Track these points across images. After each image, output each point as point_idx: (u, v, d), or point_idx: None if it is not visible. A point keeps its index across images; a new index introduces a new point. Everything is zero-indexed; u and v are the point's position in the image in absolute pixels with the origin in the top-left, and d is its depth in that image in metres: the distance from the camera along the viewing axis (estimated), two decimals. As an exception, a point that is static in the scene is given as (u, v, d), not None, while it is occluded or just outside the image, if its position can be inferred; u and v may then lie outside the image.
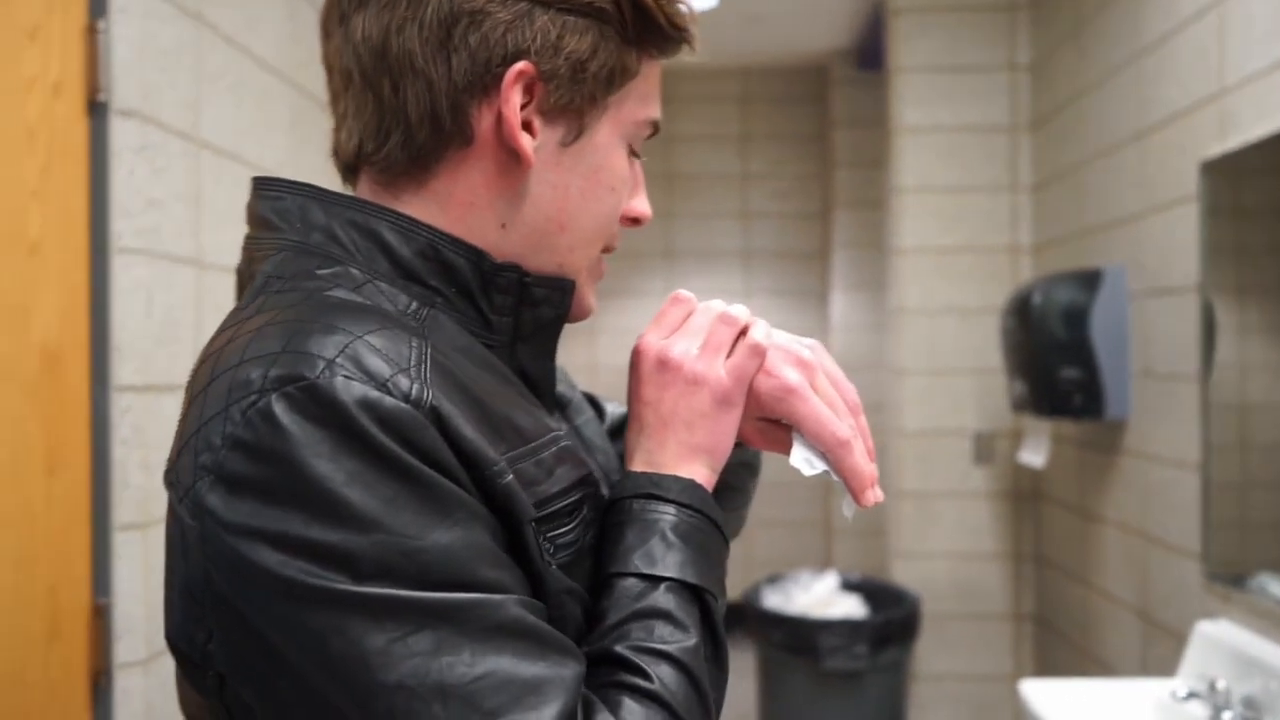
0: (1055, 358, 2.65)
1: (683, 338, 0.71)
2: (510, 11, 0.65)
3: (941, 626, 3.33)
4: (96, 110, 1.43)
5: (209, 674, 0.59)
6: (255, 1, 1.87)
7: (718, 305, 0.72)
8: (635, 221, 0.76)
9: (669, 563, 0.65)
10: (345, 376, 0.56)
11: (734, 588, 3.38)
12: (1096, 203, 2.81)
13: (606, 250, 0.76)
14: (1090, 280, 2.64)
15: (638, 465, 0.71)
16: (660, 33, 0.70)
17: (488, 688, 0.55)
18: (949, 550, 3.34)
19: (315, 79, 2.01)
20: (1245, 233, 2.11)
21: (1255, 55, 1.97)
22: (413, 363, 0.59)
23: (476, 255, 0.68)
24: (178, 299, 1.58)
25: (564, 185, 0.69)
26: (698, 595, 0.65)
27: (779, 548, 4.99)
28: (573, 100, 0.68)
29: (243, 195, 1.80)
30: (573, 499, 0.66)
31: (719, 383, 0.69)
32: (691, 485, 0.69)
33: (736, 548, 3.65)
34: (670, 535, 0.66)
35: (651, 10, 0.69)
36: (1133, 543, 2.58)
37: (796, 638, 2.97)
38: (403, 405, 0.57)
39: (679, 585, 0.65)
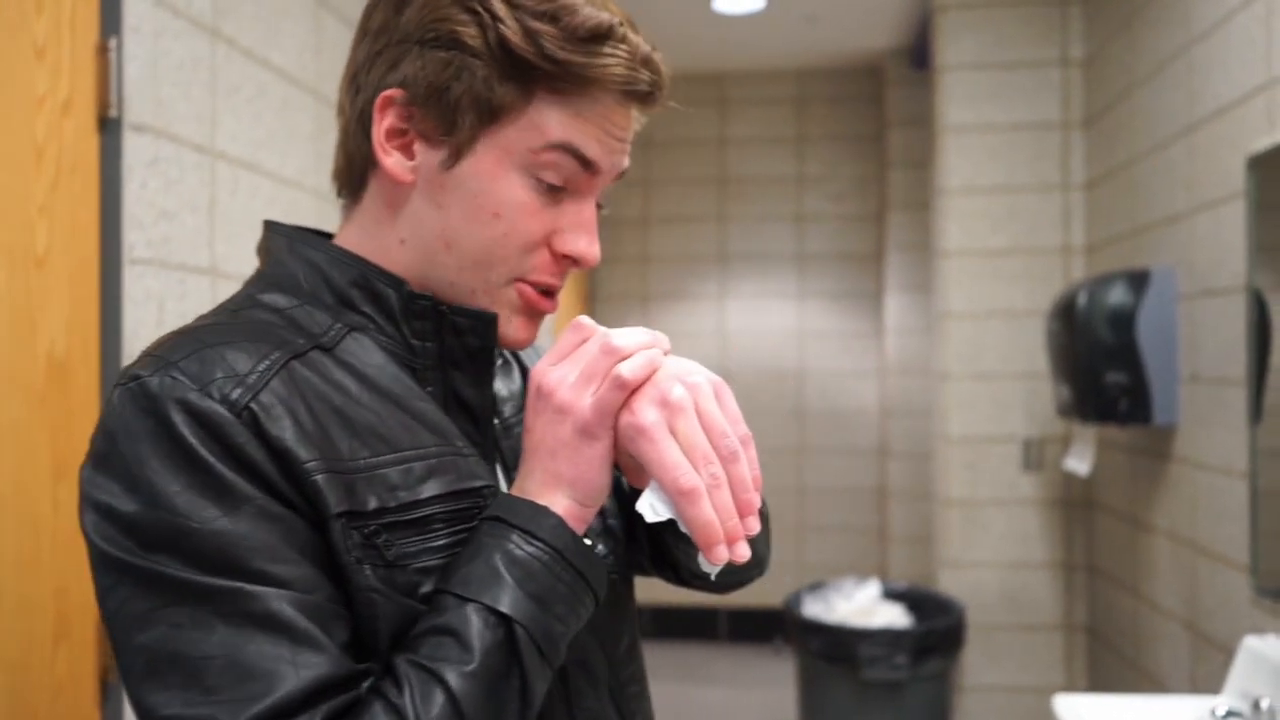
0: (1101, 362, 2.56)
1: (563, 366, 0.70)
2: (394, 51, 0.73)
3: (989, 637, 3.24)
4: (108, 126, 1.47)
5: None
6: (277, 15, 1.91)
7: (609, 334, 0.70)
8: (572, 260, 0.76)
9: (483, 587, 0.65)
10: (173, 378, 0.64)
11: (785, 594, 3.35)
12: (1146, 201, 2.71)
13: (537, 285, 0.76)
14: (1137, 281, 2.55)
15: (513, 490, 0.71)
16: (539, 69, 0.71)
17: (216, 667, 0.60)
18: (997, 559, 3.25)
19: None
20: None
21: (1303, 45, 1.89)
22: (252, 372, 0.66)
23: (398, 285, 0.75)
24: (191, 308, 1.62)
25: (446, 206, 0.74)
26: (505, 623, 0.64)
27: (832, 554, 4.92)
28: (443, 126, 0.73)
29: (260, 205, 1.84)
30: (440, 509, 0.70)
31: (581, 413, 0.68)
32: (542, 513, 0.68)
33: (789, 553, 3.58)
34: (497, 560, 0.66)
35: (516, 46, 0.70)
36: (1182, 553, 2.48)
37: (836, 646, 2.92)
38: (215, 406, 0.64)
39: (486, 610, 0.64)
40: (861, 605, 3.15)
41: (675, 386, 0.67)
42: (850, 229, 5.00)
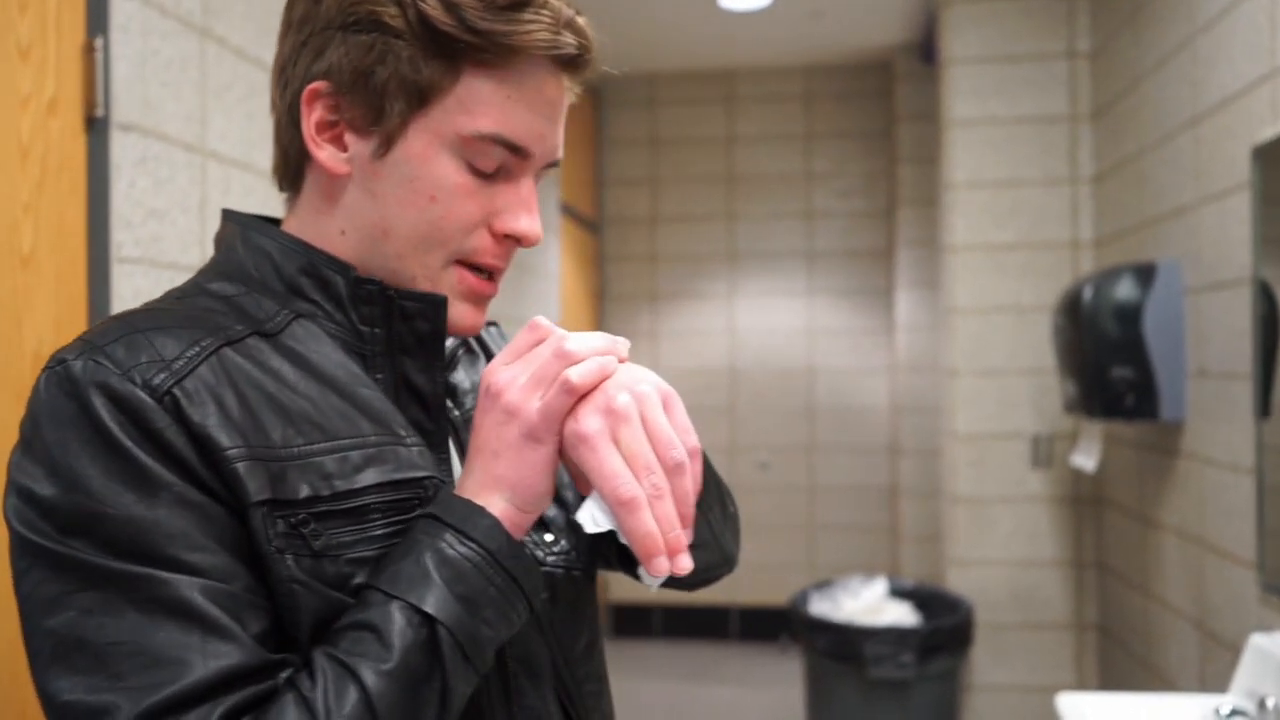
0: (1107, 356, 2.53)
1: (515, 366, 0.69)
2: (318, 41, 0.73)
3: (999, 636, 3.21)
4: (95, 125, 1.47)
5: None
6: (268, 14, 1.91)
7: (564, 338, 0.68)
8: (514, 239, 0.76)
9: (411, 585, 0.64)
10: (96, 362, 0.64)
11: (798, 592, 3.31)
12: (1153, 194, 2.68)
13: (479, 267, 0.76)
14: (1144, 275, 2.52)
15: (455, 489, 0.70)
16: (462, 43, 0.70)
17: (122, 653, 0.59)
18: (1006, 557, 3.22)
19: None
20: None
21: (1307, 32, 1.86)
22: (179, 358, 0.66)
23: (345, 270, 0.75)
24: (181, 307, 1.62)
25: (381, 194, 0.73)
26: (429, 624, 0.63)
27: (844, 553, 4.89)
28: (371, 114, 0.72)
29: (253, 203, 1.84)
30: (376, 499, 0.69)
31: (528, 417, 0.67)
32: (477, 513, 0.66)
33: (800, 552, 3.57)
34: (427, 559, 0.64)
35: (437, 21, 0.69)
36: (1190, 550, 2.45)
37: (842, 645, 2.90)
38: (136, 391, 0.63)
39: (410, 609, 0.63)
40: (868, 603, 3.13)
41: (620, 394, 0.66)
42: (860, 225, 4.97)
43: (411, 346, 0.75)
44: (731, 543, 0.91)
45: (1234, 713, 1.81)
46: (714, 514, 0.87)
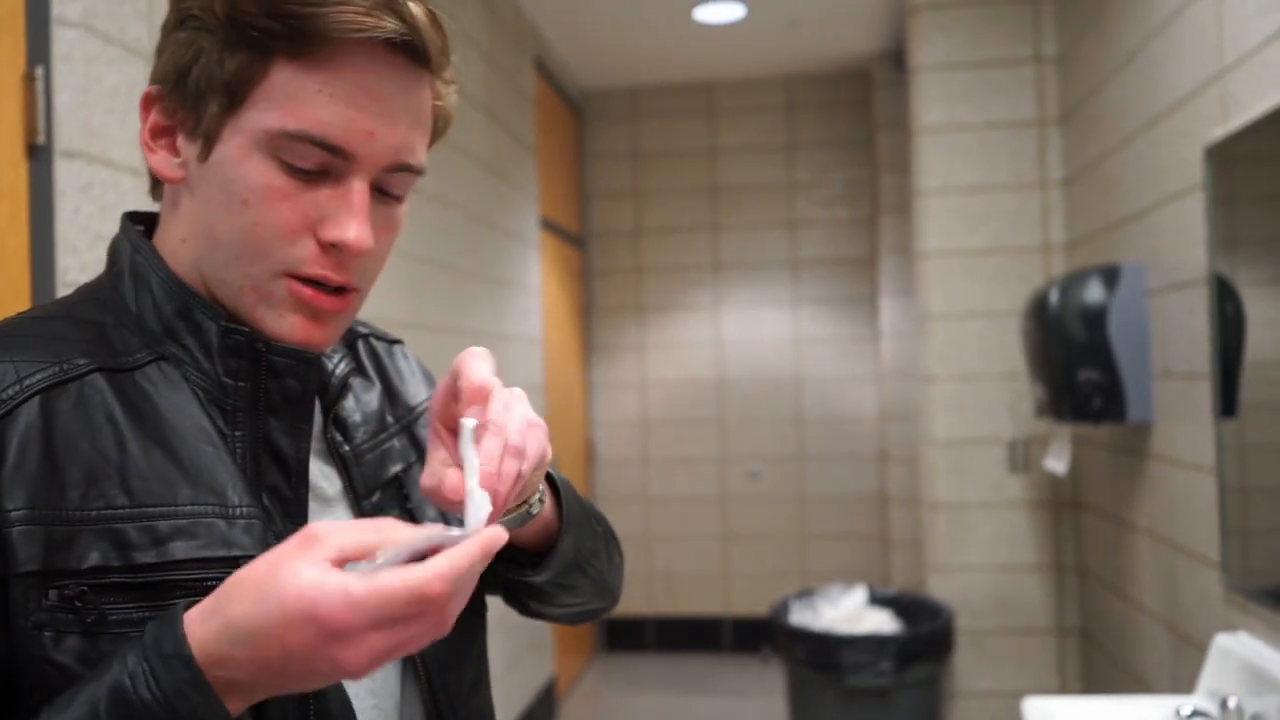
0: (1074, 359, 2.53)
1: (375, 635, 0.56)
2: (161, 44, 0.71)
3: (981, 642, 3.21)
4: (36, 153, 1.49)
5: None
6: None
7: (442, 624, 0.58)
8: (336, 248, 0.69)
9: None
10: None
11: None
12: (1118, 196, 2.69)
13: (309, 279, 0.70)
14: (1109, 277, 2.53)
15: (208, 622, 0.61)
16: (263, 31, 0.65)
17: None
18: (986, 562, 3.22)
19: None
20: (1254, 220, 1.99)
21: (1253, 29, 1.86)
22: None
23: (217, 317, 0.70)
24: (130, 330, 1.63)
25: (206, 200, 0.70)
26: None
27: (835, 561, 4.89)
28: (193, 117, 0.69)
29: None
30: (180, 576, 0.63)
31: (351, 673, 0.58)
32: (181, 664, 0.57)
33: (792, 561, 3.56)
34: (101, 697, 0.57)
35: (238, 8, 0.65)
36: (1161, 552, 2.44)
37: (821, 654, 2.90)
38: None
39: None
40: (848, 612, 3.12)
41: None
42: (843, 234, 4.98)
43: (278, 405, 0.71)
44: (616, 577, 0.93)
45: (1195, 713, 1.80)
46: (600, 559, 0.88)
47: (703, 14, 4.03)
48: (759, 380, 5.00)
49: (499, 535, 0.58)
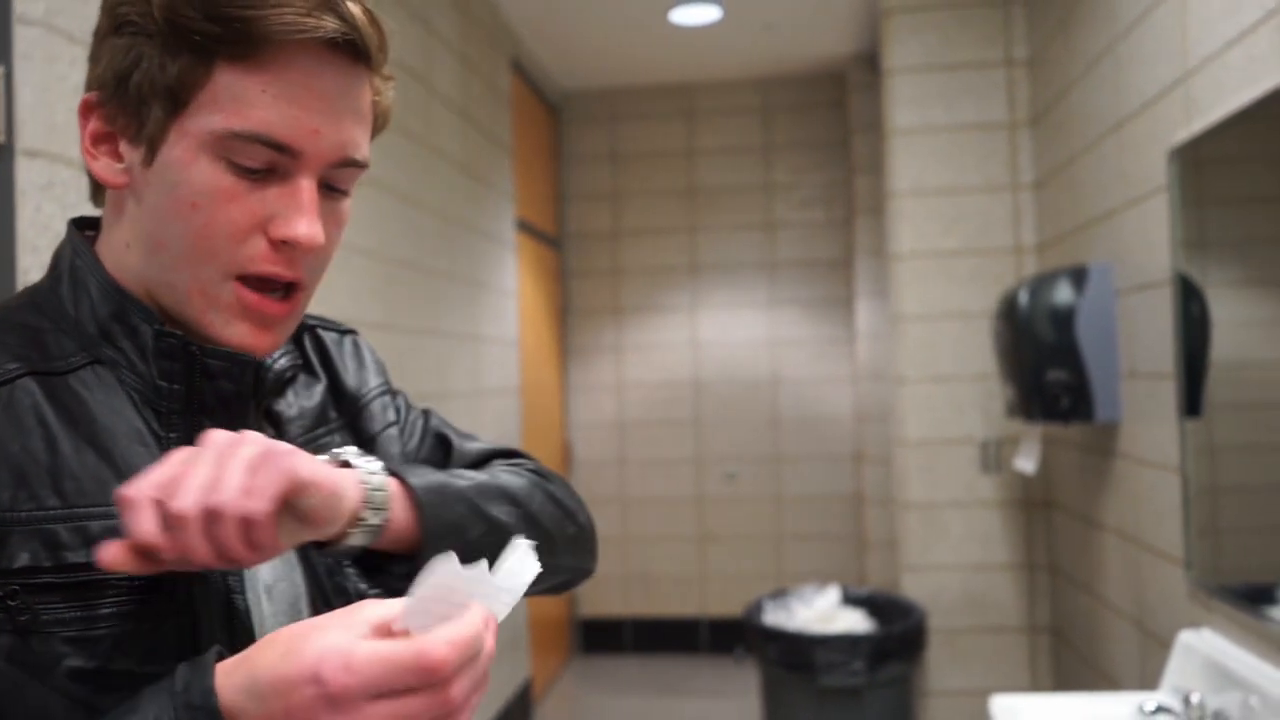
0: (1043, 360, 2.55)
1: (379, 704, 0.56)
2: (97, 50, 0.71)
3: (954, 641, 3.23)
4: (-3, 152, 1.48)
5: None
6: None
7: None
8: (288, 245, 0.70)
9: None
10: None
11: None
12: (1086, 197, 2.71)
13: (259, 276, 0.71)
14: (1077, 278, 2.55)
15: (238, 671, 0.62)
16: (204, 34, 0.66)
17: None
18: (959, 562, 3.24)
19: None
20: (1220, 222, 2.01)
21: (1215, 33, 1.88)
22: None
23: (152, 319, 0.71)
24: (93, 330, 1.62)
25: (152, 205, 0.70)
26: None
27: (811, 562, 4.90)
28: (135, 123, 0.70)
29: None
30: (111, 575, 0.62)
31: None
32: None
33: (769, 563, 3.57)
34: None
35: (176, 13, 0.66)
36: (1129, 550, 2.47)
37: (793, 654, 2.91)
38: None
39: None
40: (822, 612, 3.14)
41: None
42: (819, 235, 5.00)
43: (213, 406, 0.72)
44: (569, 556, 0.91)
45: (1159, 710, 1.82)
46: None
47: (679, 16, 4.04)
48: (736, 381, 5.01)
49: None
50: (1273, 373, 1.77)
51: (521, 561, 0.61)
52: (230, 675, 0.57)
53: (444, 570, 0.56)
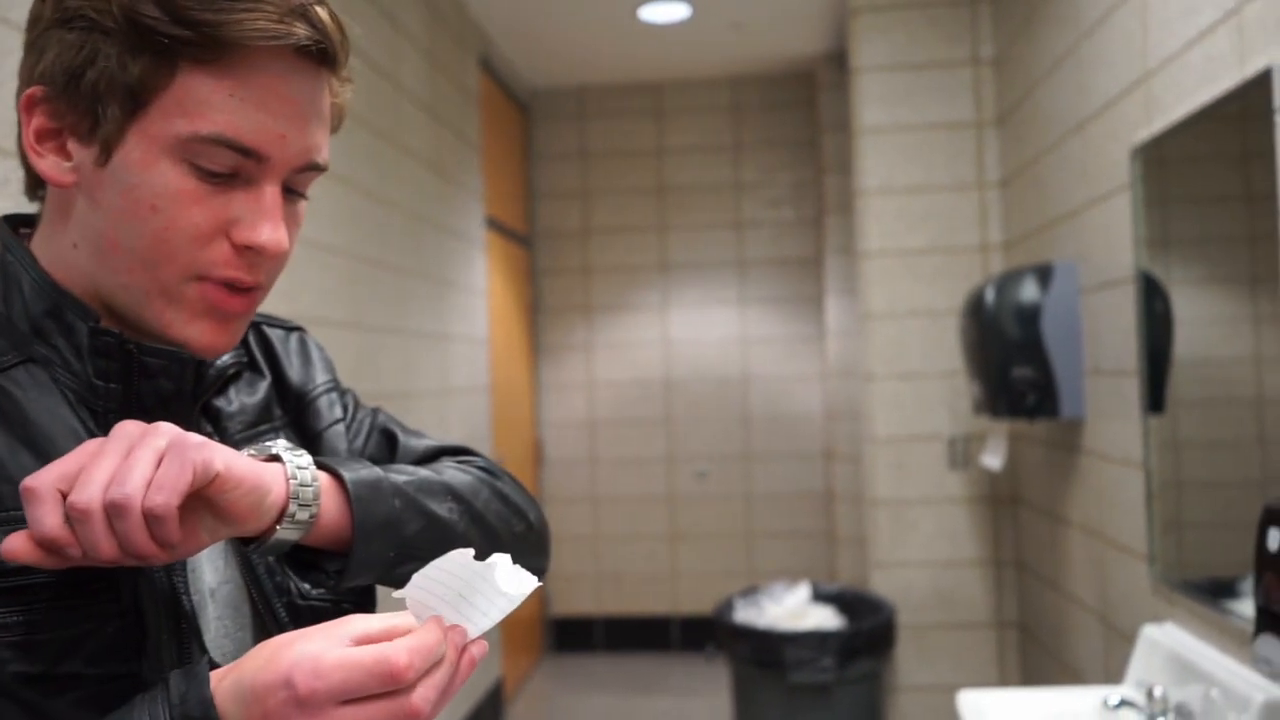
0: (1009, 357, 2.57)
1: (348, 709, 0.57)
2: (40, 41, 0.68)
3: (922, 637, 3.25)
4: (-51, 149, 1.45)
5: None
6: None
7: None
8: (251, 250, 0.69)
9: None
10: None
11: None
12: (1051, 196, 2.74)
13: (222, 281, 0.70)
14: (1042, 276, 2.57)
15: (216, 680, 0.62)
16: (170, 37, 0.65)
17: None
18: (927, 558, 3.26)
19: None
20: (1183, 220, 2.03)
21: (1175, 34, 1.91)
22: None
23: (88, 317, 0.70)
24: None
25: (105, 205, 0.68)
26: None
27: (782, 559, 4.92)
28: (88, 121, 0.67)
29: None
30: (45, 578, 0.62)
31: None
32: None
33: (739, 560, 3.58)
34: None
35: (141, 14, 0.64)
36: (1093, 545, 2.49)
37: (764, 651, 2.92)
38: None
39: None
40: (792, 609, 3.15)
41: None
42: (789, 234, 5.01)
43: (152, 406, 0.70)
44: (533, 556, 0.90)
45: (1122, 703, 1.84)
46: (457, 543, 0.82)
47: (648, 14, 4.03)
48: (706, 380, 5.02)
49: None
50: (1234, 369, 1.80)
51: (519, 574, 0.64)
52: (222, 680, 0.58)
53: (457, 555, 0.60)
